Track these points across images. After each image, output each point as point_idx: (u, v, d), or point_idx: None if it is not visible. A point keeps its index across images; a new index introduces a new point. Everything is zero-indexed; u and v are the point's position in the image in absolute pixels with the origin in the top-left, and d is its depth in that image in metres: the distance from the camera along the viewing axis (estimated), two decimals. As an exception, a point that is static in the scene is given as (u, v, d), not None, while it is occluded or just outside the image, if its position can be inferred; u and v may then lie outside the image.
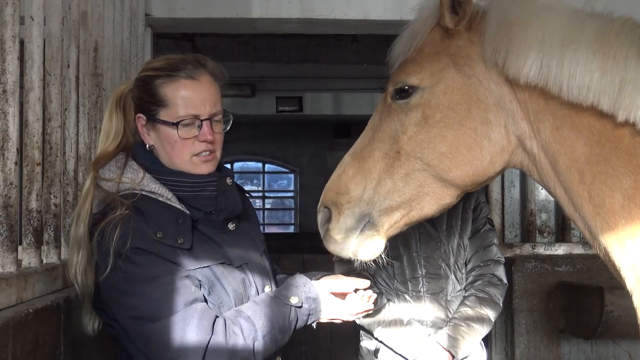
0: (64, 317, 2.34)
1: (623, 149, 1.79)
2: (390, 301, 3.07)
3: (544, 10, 1.91)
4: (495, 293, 3.13)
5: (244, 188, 2.50)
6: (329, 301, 2.18)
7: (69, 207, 2.75)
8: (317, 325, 2.24)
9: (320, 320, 2.22)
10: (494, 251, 3.24)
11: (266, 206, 16.45)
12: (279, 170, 16.43)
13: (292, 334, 2.11)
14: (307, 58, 9.17)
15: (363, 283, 2.26)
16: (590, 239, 1.94)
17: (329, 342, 6.10)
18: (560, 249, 4.84)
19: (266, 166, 16.25)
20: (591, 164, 1.84)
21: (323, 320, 2.23)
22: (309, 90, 11.33)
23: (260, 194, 16.16)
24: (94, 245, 2.04)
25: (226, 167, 2.39)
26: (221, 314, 2.03)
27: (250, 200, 2.51)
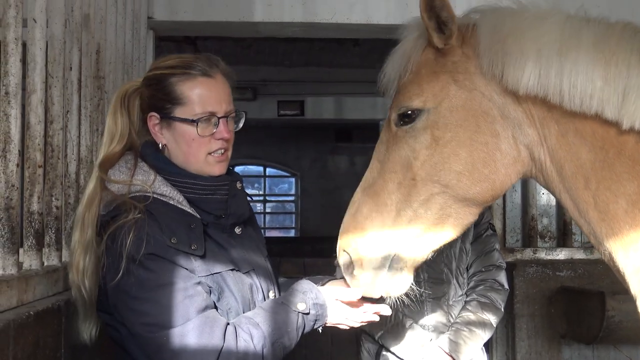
0: (64, 320, 2.34)
1: (627, 154, 1.79)
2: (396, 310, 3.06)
3: (537, 19, 1.89)
4: (497, 298, 3.13)
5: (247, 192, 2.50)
6: (335, 307, 2.16)
7: (70, 210, 2.75)
8: (322, 329, 2.23)
9: (325, 324, 2.20)
10: (496, 256, 3.24)
11: (267, 210, 16.45)
12: (280, 174, 16.44)
13: (298, 339, 2.09)
14: (309, 62, 9.19)
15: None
16: (595, 244, 1.93)
17: (329, 345, 6.10)
18: (562, 254, 4.83)
19: (267, 170, 16.26)
20: (595, 170, 1.83)
21: (327, 325, 2.22)
22: (311, 94, 11.34)
23: (261, 197, 16.16)
24: (103, 249, 2.00)
25: (235, 171, 2.37)
26: (230, 320, 2.02)
27: (250, 204, 2.50)
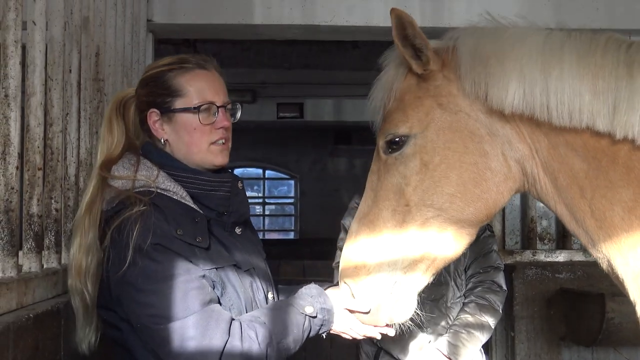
0: (64, 322, 2.34)
1: (620, 162, 1.80)
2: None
3: (518, 38, 1.90)
4: (495, 300, 3.13)
5: None
6: (341, 315, 2.15)
7: (69, 212, 2.75)
8: (326, 335, 2.21)
9: (330, 330, 2.19)
10: (494, 257, 3.24)
11: (266, 212, 16.44)
12: (279, 177, 16.43)
13: (303, 343, 2.09)
14: (308, 64, 9.18)
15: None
16: (594, 252, 1.94)
17: (329, 348, 6.10)
18: (561, 256, 4.84)
19: (266, 172, 16.25)
20: (590, 179, 1.84)
21: (331, 332, 2.21)
22: (310, 97, 11.33)
23: (261, 200, 16.16)
24: (108, 243, 2.00)
25: (234, 173, 2.38)
26: (234, 317, 2.03)
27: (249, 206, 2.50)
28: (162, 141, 2.18)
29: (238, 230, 2.23)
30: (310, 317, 2.08)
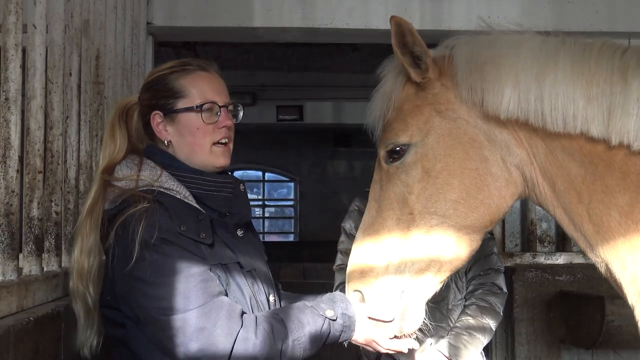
0: (64, 326, 2.33)
1: (616, 168, 1.81)
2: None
3: (513, 45, 1.92)
4: (496, 302, 3.13)
5: None
6: (364, 324, 2.12)
7: (70, 215, 2.75)
8: (349, 345, 2.19)
9: (352, 340, 2.16)
10: (494, 260, 3.24)
11: (266, 215, 16.45)
12: (279, 179, 16.44)
13: (322, 346, 2.08)
14: (308, 67, 9.20)
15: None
16: (592, 256, 1.95)
17: (329, 349, 6.08)
18: (561, 258, 4.84)
19: (266, 175, 16.26)
20: (587, 183, 1.86)
21: (354, 343, 2.18)
22: (310, 99, 11.35)
23: (261, 202, 16.16)
24: (112, 241, 2.01)
25: (236, 176, 2.42)
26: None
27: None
28: (165, 143, 2.19)
29: (240, 232, 2.24)
30: (331, 320, 2.07)
